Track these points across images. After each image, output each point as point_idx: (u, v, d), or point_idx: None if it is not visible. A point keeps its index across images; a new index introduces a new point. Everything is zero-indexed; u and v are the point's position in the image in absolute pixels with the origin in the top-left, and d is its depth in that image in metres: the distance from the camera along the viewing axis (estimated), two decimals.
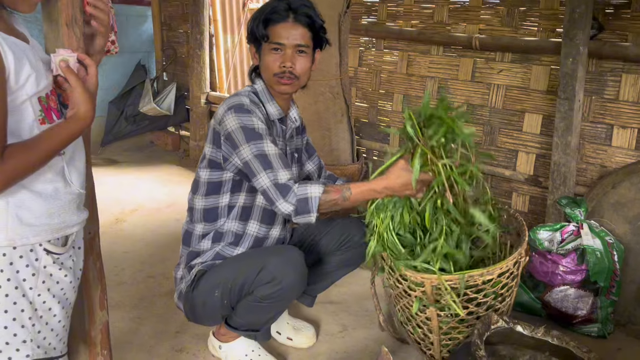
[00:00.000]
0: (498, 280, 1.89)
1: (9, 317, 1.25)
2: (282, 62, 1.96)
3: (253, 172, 1.88)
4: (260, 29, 1.95)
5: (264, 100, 2.05)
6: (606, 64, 2.69)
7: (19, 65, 1.18)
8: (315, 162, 2.34)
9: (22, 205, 1.23)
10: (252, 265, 1.94)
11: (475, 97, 3.22)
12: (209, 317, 2.09)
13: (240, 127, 1.90)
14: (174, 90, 5.18)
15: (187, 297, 2.08)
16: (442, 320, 1.96)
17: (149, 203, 4.03)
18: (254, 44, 2.02)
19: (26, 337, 1.27)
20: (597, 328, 2.43)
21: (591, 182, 2.80)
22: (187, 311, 2.12)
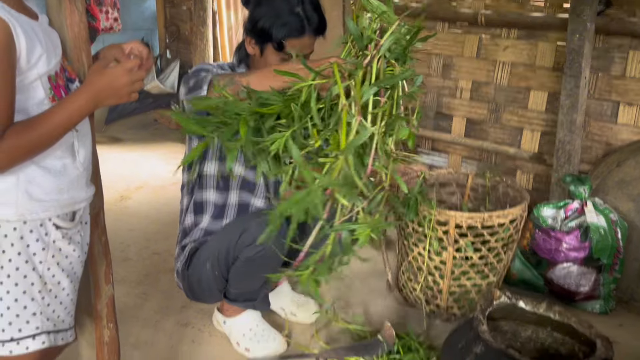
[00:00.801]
0: (508, 226, 2.12)
1: (19, 290, 1.27)
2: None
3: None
4: (277, 37, 1.90)
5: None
6: (613, 40, 2.67)
7: (31, 45, 1.18)
8: None
9: (32, 181, 1.25)
10: (234, 231, 1.95)
11: (480, 74, 3.20)
12: (207, 293, 2.11)
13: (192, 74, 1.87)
14: (177, 67, 5.16)
15: (183, 275, 2.11)
16: (456, 263, 2.09)
17: (154, 181, 4.04)
18: (257, 39, 1.96)
19: (36, 309, 1.29)
20: (599, 305, 2.44)
21: (596, 159, 2.79)
22: (186, 290, 2.15)
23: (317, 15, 1.95)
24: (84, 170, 1.37)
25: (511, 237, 2.23)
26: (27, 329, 1.29)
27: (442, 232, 2.15)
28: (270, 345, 2.14)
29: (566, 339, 1.90)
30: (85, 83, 1.27)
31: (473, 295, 2.28)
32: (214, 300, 2.19)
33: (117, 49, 1.45)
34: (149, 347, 2.19)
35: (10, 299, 1.27)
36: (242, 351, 2.15)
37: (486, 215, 2.10)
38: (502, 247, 2.21)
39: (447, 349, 1.81)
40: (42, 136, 1.20)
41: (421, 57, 3.44)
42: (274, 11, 1.92)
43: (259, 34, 1.94)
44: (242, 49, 2.06)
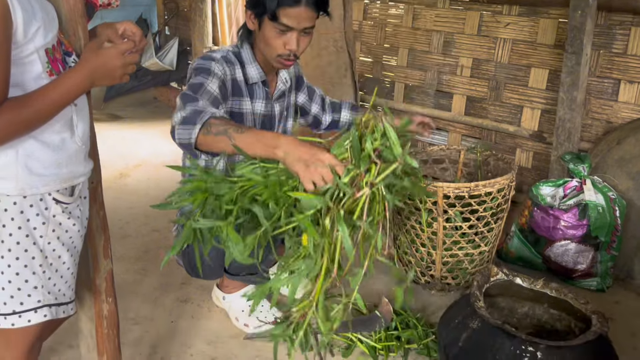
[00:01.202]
0: (496, 196, 2.17)
1: (20, 264, 1.28)
2: (288, 45, 1.88)
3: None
4: (270, 7, 1.84)
5: (245, 61, 2.00)
6: (615, 17, 2.64)
7: (28, 18, 1.17)
8: (318, 101, 2.31)
9: (31, 156, 1.25)
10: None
11: (481, 52, 3.17)
12: (207, 269, 2.11)
13: (196, 68, 1.87)
14: (176, 44, 5.11)
15: (182, 253, 2.12)
16: (447, 233, 2.13)
17: (153, 158, 4.03)
18: (255, 10, 1.91)
19: (37, 283, 1.30)
20: (596, 282, 2.45)
21: (596, 138, 2.78)
22: (186, 267, 2.16)
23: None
24: (83, 144, 1.37)
25: (500, 207, 2.25)
26: (29, 302, 1.30)
27: (431, 204, 2.19)
28: (269, 321, 2.16)
29: (562, 316, 1.92)
30: (81, 61, 1.28)
31: (466, 265, 2.30)
32: (215, 276, 2.20)
33: (110, 28, 1.44)
34: (149, 322, 2.21)
35: (11, 273, 1.28)
36: (240, 326, 2.17)
37: (472, 185, 2.13)
38: (491, 216, 2.24)
39: (444, 324, 1.83)
40: (38, 112, 1.20)
41: (422, 34, 3.42)
42: None
43: (255, 5, 1.89)
44: (244, 27, 2.03)
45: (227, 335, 2.14)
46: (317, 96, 2.32)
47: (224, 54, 1.97)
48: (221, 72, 1.89)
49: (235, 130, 1.54)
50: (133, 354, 2.02)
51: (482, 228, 2.23)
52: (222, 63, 1.91)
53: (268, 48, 1.93)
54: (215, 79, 1.84)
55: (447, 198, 2.16)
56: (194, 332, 2.16)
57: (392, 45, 3.60)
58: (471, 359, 1.66)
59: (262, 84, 2.05)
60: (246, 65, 2.00)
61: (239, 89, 1.98)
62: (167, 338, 2.12)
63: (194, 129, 1.58)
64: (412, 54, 3.50)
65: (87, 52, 1.28)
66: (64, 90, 1.23)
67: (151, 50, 4.99)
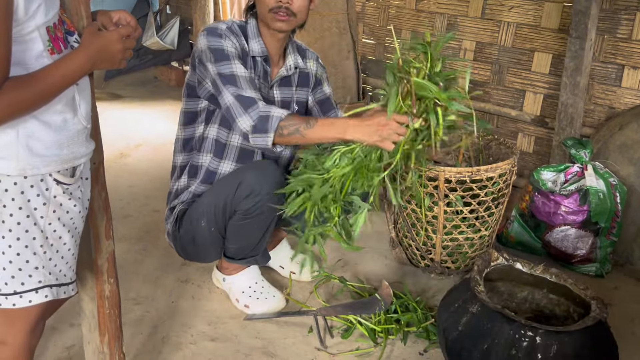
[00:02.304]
0: (497, 181, 2.18)
1: (21, 244, 1.28)
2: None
3: (219, 90, 1.89)
4: None
5: (249, 35, 2.01)
6: (620, 2, 2.62)
7: None
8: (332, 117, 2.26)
9: (32, 136, 1.24)
10: (229, 185, 1.96)
11: (484, 35, 3.15)
12: (202, 252, 2.13)
13: (209, 47, 1.91)
14: (177, 24, 5.08)
15: (174, 237, 2.13)
16: (447, 217, 2.14)
17: (154, 138, 4.02)
18: None
19: (38, 263, 1.31)
20: (595, 267, 2.46)
21: (598, 123, 2.78)
22: (178, 250, 2.18)
23: None
24: (87, 124, 1.36)
25: (501, 192, 2.25)
26: (30, 283, 1.31)
27: (432, 188, 2.18)
28: (269, 302, 2.17)
29: (561, 301, 1.93)
30: (83, 43, 1.28)
31: (466, 249, 2.31)
32: (210, 259, 2.21)
33: (105, 16, 1.45)
34: (150, 302, 2.22)
35: (12, 253, 1.28)
36: (241, 308, 2.18)
37: (474, 170, 2.13)
38: (492, 200, 2.24)
39: (444, 308, 1.84)
40: (40, 92, 1.19)
41: (425, 17, 3.39)
42: None
43: None
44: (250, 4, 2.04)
45: (228, 316, 2.15)
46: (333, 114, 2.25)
47: (229, 24, 1.99)
48: (232, 46, 1.93)
49: (306, 127, 1.78)
50: (134, 334, 2.03)
51: (482, 212, 2.24)
52: (229, 35, 1.95)
53: (262, 6, 1.95)
54: (235, 59, 1.91)
55: (448, 182, 2.16)
56: (194, 313, 2.17)
57: (395, 27, 3.57)
58: (470, 342, 1.67)
59: (264, 60, 2.05)
60: (250, 40, 2.01)
61: (245, 58, 2.00)
62: (168, 318, 2.14)
63: (267, 136, 1.81)
64: (415, 36, 3.47)
65: (88, 35, 1.29)
66: (66, 71, 1.23)
67: (152, 29, 4.96)
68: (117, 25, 1.44)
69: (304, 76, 2.19)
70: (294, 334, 2.07)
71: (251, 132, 1.82)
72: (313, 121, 1.79)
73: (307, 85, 2.21)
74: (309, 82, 2.21)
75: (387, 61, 3.66)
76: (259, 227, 2.01)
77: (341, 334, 2.06)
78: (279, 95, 2.13)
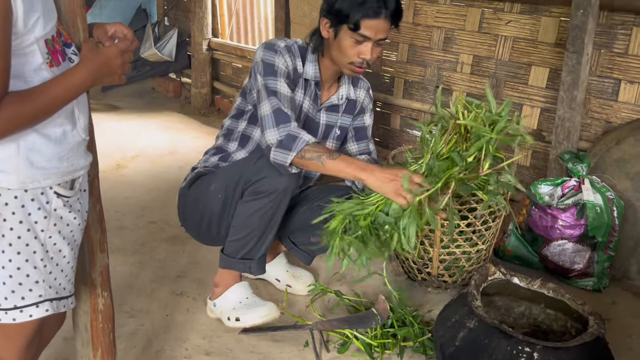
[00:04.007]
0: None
1: (21, 258, 1.27)
2: (363, 54, 1.99)
3: (261, 99, 1.98)
4: (353, 17, 1.94)
5: (307, 58, 2.11)
6: (617, 17, 2.63)
7: (28, 7, 1.16)
8: (361, 146, 2.31)
9: (33, 149, 1.23)
10: (249, 161, 2.03)
11: (481, 49, 3.16)
12: (197, 217, 2.14)
13: (262, 60, 2.02)
14: (175, 35, 5.09)
15: (182, 193, 2.19)
16: (444, 231, 2.14)
17: (151, 149, 4.02)
18: (333, 20, 1.99)
19: (38, 277, 1.29)
20: (593, 282, 2.46)
21: (595, 137, 2.78)
22: (180, 209, 2.22)
23: (395, 1, 1.98)
24: (86, 136, 1.36)
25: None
26: (30, 297, 1.29)
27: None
28: (260, 310, 2.08)
29: (559, 316, 1.92)
30: (84, 59, 1.28)
31: (463, 263, 2.30)
32: (201, 232, 2.19)
33: (100, 30, 1.45)
34: (144, 315, 2.21)
35: (12, 268, 1.26)
36: (233, 324, 2.10)
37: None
38: (489, 214, 2.23)
39: (441, 323, 1.82)
40: (40, 107, 1.19)
41: (422, 30, 3.41)
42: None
43: (335, 15, 1.98)
44: (316, 34, 2.10)
45: (223, 330, 2.13)
46: (364, 144, 2.32)
47: (289, 44, 2.09)
48: (284, 65, 2.03)
49: (328, 157, 1.87)
50: (128, 348, 2.01)
51: (480, 226, 2.23)
52: (284, 53, 2.04)
53: (341, 56, 2.03)
54: (282, 78, 2.01)
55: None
56: (189, 326, 2.16)
57: (393, 40, 3.58)
58: (467, 358, 1.66)
59: (315, 84, 2.14)
60: (306, 62, 2.11)
61: (296, 78, 2.10)
62: (163, 332, 2.12)
63: (289, 154, 1.88)
64: (412, 49, 3.48)
65: (88, 51, 1.29)
66: (68, 86, 1.23)
67: (150, 40, 4.97)
68: (112, 38, 1.44)
69: (351, 104, 2.28)
70: (289, 348, 2.05)
71: (275, 146, 1.90)
72: (336, 154, 1.89)
73: (352, 113, 2.29)
74: (355, 110, 2.30)
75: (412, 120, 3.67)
76: (264, 215, 1.99)
77: (337, 348, 2.05)
78: (324, 119, 2.22)
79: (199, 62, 4.89)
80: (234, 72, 4.85)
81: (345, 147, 2.32)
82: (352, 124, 2.31)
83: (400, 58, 3.56)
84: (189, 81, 5.18)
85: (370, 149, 2.32)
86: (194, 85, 4.98)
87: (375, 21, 1.95)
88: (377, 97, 3.70)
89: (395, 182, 1.78)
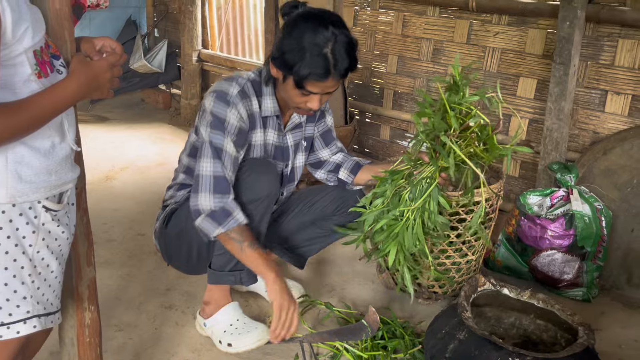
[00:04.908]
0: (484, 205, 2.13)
1: (9, 274, 1.25)
2: (310, 104, 1.90)
3: (202, 155, 1.90)
4: (298, 78, 1.82)
5: (264, 92, 2.00)
6: (603, 29, 2.66)
7: (17, 18, 1.15)
8: (333, 149, 2.28)
9: (22, 162, 1.22)
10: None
11: (470, 60, 3.18)
12: (185, 249, 2.09)
13: (211, 112, 1.91)
14: (165, 47, 5.09)
15: (160, 233, 2.13)
16: (435, 242, 2.14)
17: (140, 161, 4.00)
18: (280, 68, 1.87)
19: (26, 293, 1.27)
20: (582, 292, 2.46)
21: (583, 148, 2.80)
22: (162, 249, 2.17)
23: (347, 59, 1.83)
24: (73, 150, 1.35)
25: (488, 216, 2.24)
26: (18, 314, 1.27)
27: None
28: (252, 335, 2.06)
29: (549, 326, 1.92)
30: (73, 72, 1.27)
31: (453, 274, 2.29)
32: (192, 264, 2.15)
33: (88, 44, 1.44)
34: (132, 329, 2.18)
35: (0, 284, 1.25)
36: (225, 349, 2.07)
37: (460, 194, 2.11)
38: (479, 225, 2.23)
39: (431, 334, 1.82)
40: (27, 120, 1.18)
41: (411, 42, 3.43)
42: (301, 48, 1.80)
43: (283, 65, 1.85)
44: (268, 67, 1.98)
45: (212, 343, 2.11)
46: (334, 146, 2.29)
47: (242, 86, 1.96)
48: (236, 118, 1.91)
49: (249, 245, 1.86)
50: None
51: (469, 237, 2.23)
52: (237, 103, 1.92)
53: (288, 99, 1.95)
54: (230, 135, 1.90)
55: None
56: (178, 340, 2.13)
57: (382, 52, 3.60)
58: None
59: (276, 117, 2.07)
60: (263, 97, 2.00)
61: (253, 121, 2.00)
62: (151, 345, 2.09)
63: (217, 228, 1.84)
64: (401, 61, 3.50)
65: (78, 65, 1.28)
66: (56, 99, 1.22)
67: (140, 52, 4.96)
68: (101, 52, 1.43)
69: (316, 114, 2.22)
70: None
71: (206, 214, 1.85)
72: (257, 245, 1.88)
73: (314, 120, 2.25)
74: (315, 116, 2.24)
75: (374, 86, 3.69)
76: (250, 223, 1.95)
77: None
78: (291, 140, 2.17)
79: (189, 73, 4.88)
80: None
81: (316, 155, 2.28)
82: (317, 130, 2.26)
83: (390, 69, 3.57)
84: (179, 92, 5.17)
85: (340, 147, 2.30)
86: (183, 97, 4.97)
87: (323, 83, 1.83)
88: (366, 108, 3.71)
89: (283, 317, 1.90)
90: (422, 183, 1.88)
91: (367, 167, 2.22)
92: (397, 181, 1.93)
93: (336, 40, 1.81)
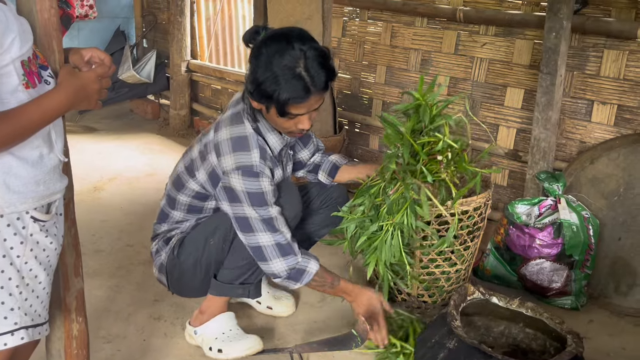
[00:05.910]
0: (472, 214, 2.20)
1: None
2: (300, 125, 1.86)
3: (254, 229, 1.87)
4: (279, 105, 1.77)
5: (264, 131, 1.94)
6: (589, 39, 2.69)
7: (4, 28, 1.15)
8: (311, 149, 2.27)
9: (10, 172, 1.21)
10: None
11: (457, 70, 3.21)
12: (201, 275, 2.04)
13: (246, 192, 1.85)
14: (154, 57, 5.08)
15: (170, 264, 2.05)
16: (423, 252, 2.18)
17: (128, 172, 3.98)
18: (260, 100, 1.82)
19: (14, 305, 1.26)
20: (571, 300, 2.47)
21: (570, 157, 2.82)
22: (171, 282, 2.09)
23: (323, 71, 1.78)
24: (61, 160, 1.34)
25: (477, 225, 2.25)
26: (5, 325, 1.26)
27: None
28: (244, 343, 2.06)
29: (538, 335, 1.93)
30: (61, 83, 1.27)
31: (442, 283, 2.30)
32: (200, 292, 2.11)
33: (77, 55, 1.44)
34: (121, 340, 2.16)
35: None
36: (214, 355, 2.06)
37: (449, 203, 2.11)
38: (467, 234, 2.24)
39: (421, 343, 1.82)
40: (15, 130, 1.17)
41: (400, 52, 3.45)
42: (273, 76, 1.75)
43: (261, 97, 1.80)
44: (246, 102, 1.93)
45: (200, 354, 2.10)
46: (311, 145, 2.27)
47: (255, 144, 1.89)
48: (269, 182, 1.89)
49: (330, 287, 1.98)
50: None
51: (458, 246, 2.24)
52: (263, 168, 1.87)
53: (278, 127, 1.92)
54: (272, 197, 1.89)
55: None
56: (166, 351, 2.12)
57: (371, 62, 3.62)
58: None
59: (286, 146, 2.07)
60: (266, 136, 1.95)
61: (274, 165, 1.99)
62: (139, 357, 2.08)
63: (297, 284, 1.95)
64: (390, 71, 3.52)
65: (66, 75, 1.29)
66: (44, 110, 1.22)
67: (128, 62, 4.95)
68: (89, 63, 1.43)
69: None
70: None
71: (284, 278, 1.93)
72: (338, 280, 1.99)
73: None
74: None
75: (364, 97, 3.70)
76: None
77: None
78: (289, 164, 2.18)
79: (178, 83, 4.88)
80: (213, 93, 4.85)
81: (297, 157, 2.25)
82: (305, 145, 2.27)
83: (378, 80, 3.59)
84: (168, 103, 5.17)
85: (316, 145, 2.29)
86: (172, 107, 4.96)
87: (305, 103, 1.79)
88: (355, 118, 3.72)
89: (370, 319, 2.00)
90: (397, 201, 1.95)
91: (345, 168, 2.24)
92: (373, 196, 2.00)
93: (306, 57, 1.76)
